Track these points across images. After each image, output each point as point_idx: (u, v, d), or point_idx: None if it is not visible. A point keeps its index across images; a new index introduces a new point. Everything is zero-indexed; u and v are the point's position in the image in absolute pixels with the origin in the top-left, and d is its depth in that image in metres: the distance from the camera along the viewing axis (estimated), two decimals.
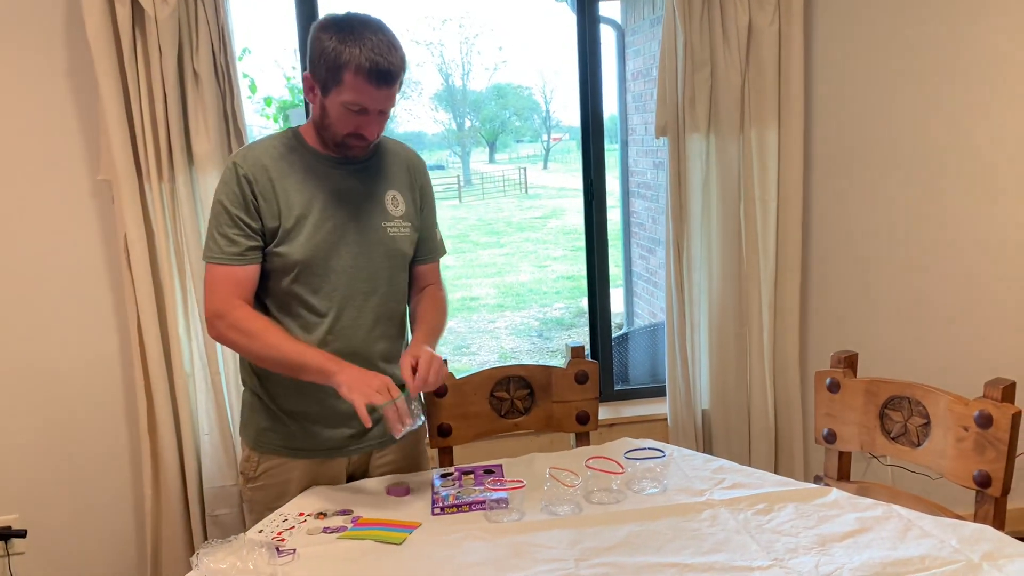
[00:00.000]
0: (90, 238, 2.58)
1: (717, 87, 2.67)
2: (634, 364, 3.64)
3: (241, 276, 1.75)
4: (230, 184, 1.75)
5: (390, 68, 1.66)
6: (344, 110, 1.70)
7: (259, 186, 1.75)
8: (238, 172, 1.75)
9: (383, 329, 1.87)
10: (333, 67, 1.66)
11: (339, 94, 1.68)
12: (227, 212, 1.75)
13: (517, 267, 12.30)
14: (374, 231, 1.83)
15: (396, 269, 1.88)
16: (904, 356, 2.96)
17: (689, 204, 2.74)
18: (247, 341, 1.74)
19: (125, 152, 2.43)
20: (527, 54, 46.14)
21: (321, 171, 1.80)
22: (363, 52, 1.64)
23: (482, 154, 33.24)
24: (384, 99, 1.70)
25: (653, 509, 1.67)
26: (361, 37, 1.65)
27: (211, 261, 1.76)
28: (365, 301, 1.83)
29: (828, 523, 1.58)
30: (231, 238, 1.74)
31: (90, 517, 2.70)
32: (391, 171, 1.88)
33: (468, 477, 1.84)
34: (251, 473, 1.89)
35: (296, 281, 1.78)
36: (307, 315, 1.80)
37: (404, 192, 1.89)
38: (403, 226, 1.87)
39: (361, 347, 1.83)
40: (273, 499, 1.86)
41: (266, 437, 1.87)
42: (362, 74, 1.65)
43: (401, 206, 1.87)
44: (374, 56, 1.64)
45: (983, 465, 1.69)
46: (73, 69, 2.48)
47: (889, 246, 2.92)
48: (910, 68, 2.82)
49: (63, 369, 2.62)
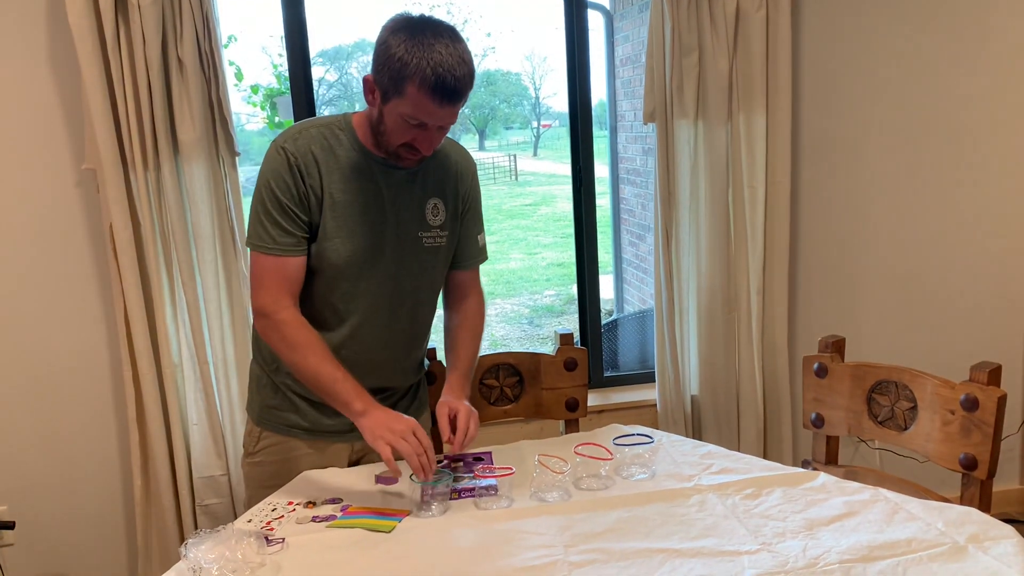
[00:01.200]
0: (75, 227, 2.56)
1: (705, 73, 2.66)
2: (624, 350, 3.64)
3: (291, 269, 1.70)
4: (279, 170, 1.67)
5: (456, 86, 1.55)
6: (402, 121, 1.61)
7: (309, 178, 1.68)
8: (289, 159, 1.67)
9: (405, 339, 1.86)
10: (397, 76, 1.55)
11: (399, 105, 1.59)
12: (276, 199, 1.67)
13: (507, 255, 12.29)
14: (411, 241, 1.78)
15: (429, 282, 1.85)
16: (891, 340, 2.97)
17: (678, 190, 2.74)
18: (287, 350, 1.71)
19: (109, 141, 2.41)
20: (516, 40, 45.95)
21: (367, 171, 1.72)
22: (430, 65, 1.52)
23: (472, 141, 33.15)
24: (446, 116, 1.61)
25: (641, 495, 1.67)
26: (431, 48, 1.53)
27: (259, 250, 1.70)
28: (392, 310, 1.80)
29: (816, 507, 1.59)
30: (282, 226, 1.68)
31: (79, 507, 2.70)
32: (438, 177, 1.81)
33: (457, 464, 1.84)
34: (251, 447, 1.89)
35: (326, 283, 1.75)
36: (331, 318, 1.78)
37: (447, 200, 1.83)
38: (440, 236, 1.82)
39: (381, 354, 1.82)
40: (268, 477, 1.86)
41: (270, 414, 1.86)
42: (426, 89, 1.54)
43: (441, 215, 1.82)
44: (442, 71, 1.53)
45: (969, 448, 1.70)
46: (55, 57, 2.46)
47: (876, 232, 2.93)
48: (897, 54, 2.82)
49: (50, 360, 2.61)
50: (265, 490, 1.83)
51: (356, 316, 1.78)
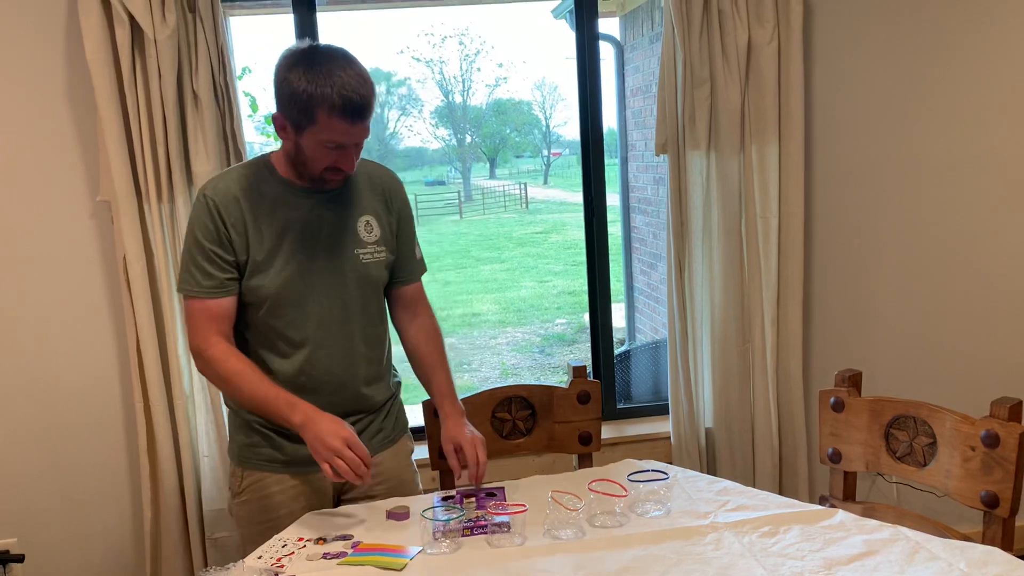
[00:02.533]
0: (89, 259, 2.57)
1: (717, 104, 2.66)
2: (636, 382, 3.61)
3: (216, 310, 1.75)
4: (202, 216, 1.74)
5: (362, 103, 1.64)
6: (320, 147, 1.67)
7: (231, 218, 1.74)
8: (208, 204, 1.74)
9: (363, 353, 1.87)
10: (306, 108, 1.63)
11: (314, 133, 1.65)
12: (200, 246, 1.74)
13: (518, 282, 12.30)
14: (347, 259, 1.82)
15: (370, 295, 1.88)
16: (909, 374, 2.94)
17: (690, 221, 2.74)
18: (221, 383, 1.79)
19: (125, 173, 2.43)
20: (527, 70, 46.35)
21: (292, 201, 1.78)
22: (335, 90, 1.60)
23: (483, 170, 33.32)
24: (360, 133, 1.68)
25: (657, 533, 1.64)
26: (330, 74, 1.61)
27: (187, 295, 1.77)
28: (341, 329, 1.82)
29: (834, 546, 1.56)
30: (206, 271, 1.74)
31: (89, 541, 2.68)
32: (365, 196, 1.86)
33: (469, 500, 1.82)
34: (236, 488, 1.90)
35: (271, 313, 1.78)
36: (284, 346, 1.80)
37: (380, 216, 1.87)
38: (377, 251, 1.86)
39: (341, 373, 1.84)
40: (257, 513, 1.86)
41: (248, 452, 1.87)
42: (336, 113, 1.62)
43: (375, 231, 1.86)
44: (346, 93, 1.61)
45: (990, 485, 1.67)
46: (73, 90, 2.48)
47: (892, 262, 2.91)
48: (909, 83, 2.82)
49: (62, 390, 2.60)
50: (257, 526, 1.84)
51: (309, 340, 1.80)
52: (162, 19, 2.36)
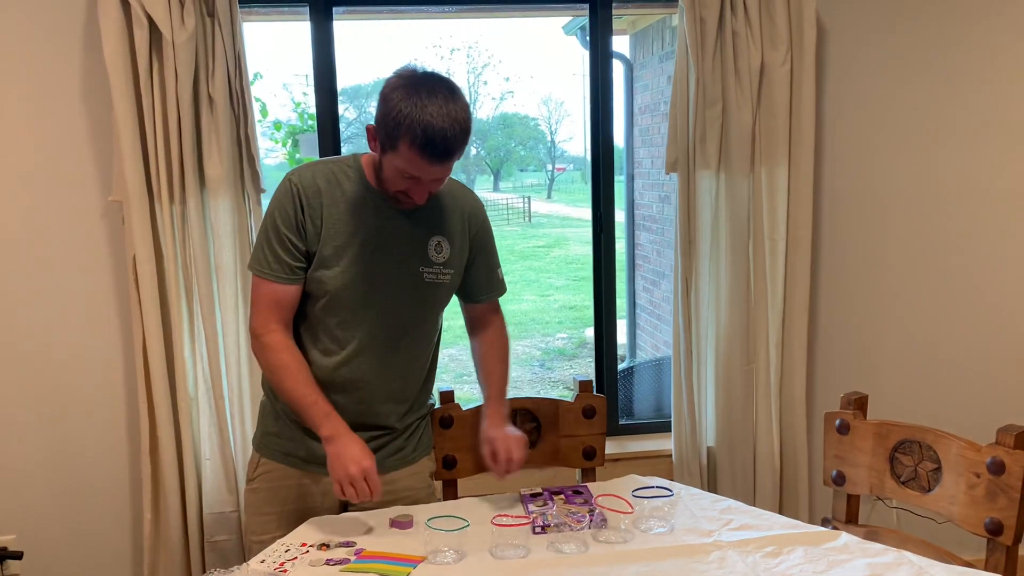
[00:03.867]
0: (99, 258, 2.58)
1: (728, 125, 2.68)
2: (639, 398, 3.61)
3: (281, 295, 1.77)
4: (283, 201, 1.76)
5: (445, 146, 1.60)
6: (397, 173, 1.67)
7: (310, 208, 1.75)
8: (292, 190, 1.75)
9: (401, 369, 1.88)
10: (392, 132, 1.61)
11: (394, 159, 1.65)
12: (277, 229, 1.75)
13: (520, 296, 12.29)
14: (411, 275, 1.82)
15: (426, 315, 1.88)
16: (913, 399, 2.94)
17: (698, 240, 2.74)
18: (268, 371, 1.81)
19: (137, 174, 2.44)
20: (534, 85, 46.52)
21: (371, 206, 1.78)
22: (421, 125, 1.57)
23: (487, 182, 33.39)
24: (437, 172, 1.66)
25: (661, 549, 1.64)
26: (424, 108, 1.58)
27: (256, 274, 1.79)
28: (388, 341, 1.83)
29: (838, 568, 1.56)
30: (278, 255, 1.75)
31: (88, 539, 2.68)
32: (443, 217, 1.85)
33: (559, 497, 1.87)
34: (251, 474, 1.92)
35: (327, 309, 1.79)
36: (330, 343, 1.81)
37: (453, 239, 1.86)
38: (443, 273, 1.85)
39: (375, 383, 1.84)
40: (263, 503, 1.88)
41: (269, 441, 1.90)
42: (416, 148, 1.59)
43: (445, 252, 1.85)
44: (432, 132, 1.57)
45: (995, 513, 1.67)
46: (89, 90, 2.50)
47: (898, 287, 2.91)
48: (922, 109, 2.84)
49: (67, 389, 2.61)
50: (260, 516, 1.86)
51: (354, 344, 1.81)
52: (181, 22, 2.37)
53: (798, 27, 2.64)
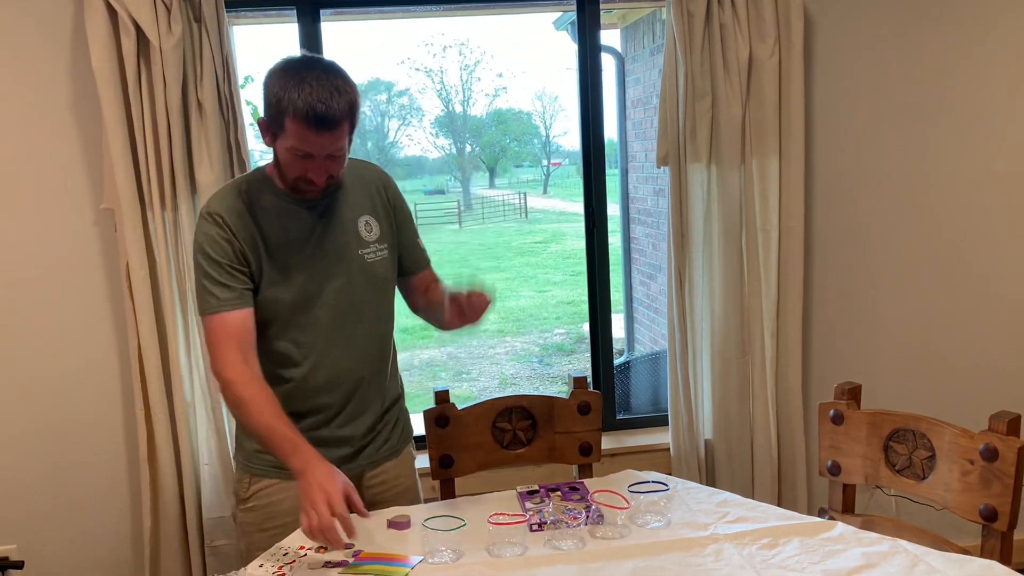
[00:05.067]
0: (92, 266, 2.58)
1: (718, 117, 2.68)
2: (636, 392, 3.62)
3: (233, 324, 1.72)
4: (211, 234, 1.73)
5: (328, 112, 1.61)
6: (291, 155, 1.67)
7: (241, 233, 1.74)
8: (217, 221, 1.73)
9: (373, 352, 1.89)
10: (276, 113, 1.64)
11: (284, 140, 1.66)
12: (212, 260, 1.72)
13: (517, 292, 12.30)
14: (353, 261, 1.83)
15: (380, 294, 1.89)
16: (908, 387, 2.95)
17: (691, 233, 2.75)
18: (233, 408, 1.75)
19: (128, 181, 2.44)
20: (527, 80, 46.44)
21: (293, 212, 1.78)
22: (301, 97, 1.60)
23: (482, 179, 33.37)
24: (328, 144, 1.65)
25: (657, 544, 1.65)
26: (302, 81, 1.61)
27: (203, 314, 1.74)
28: (353, 330, 1.84)
29: (834, 558, 1.57)
30: (222, 283, 1.72)
31: (88, 547, 2.68)
32: (360, 196, 1.88)
33: (555, 494, 1.87)
34: (243, 494, 1.89)
35: (282, 323, 1.79)
36: (294, 352, 1.81)
37: (377, 215, 1.89)
38: (380, 249, 1.87)
39: (352, 373, 1.85)
40: (263, 520, 1.86)
41: (258, 459, 1.87)
42: (300, 119, 1.61)
43: (375, 230, 1.88)
44: (312, 101, 1.59)
45: (989, 499, 1.68)
46: (78, 98, 2.50)
47: (891, 275, 2.92)
48: (910, 98, 2.84)
49: (64, 397, 2.61)
50: (262, 534, 1.84)
51: (319, 343, 1.81)
52: (168, 29, 2.37)
53: (785, 19, 2.64)
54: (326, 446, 1.83)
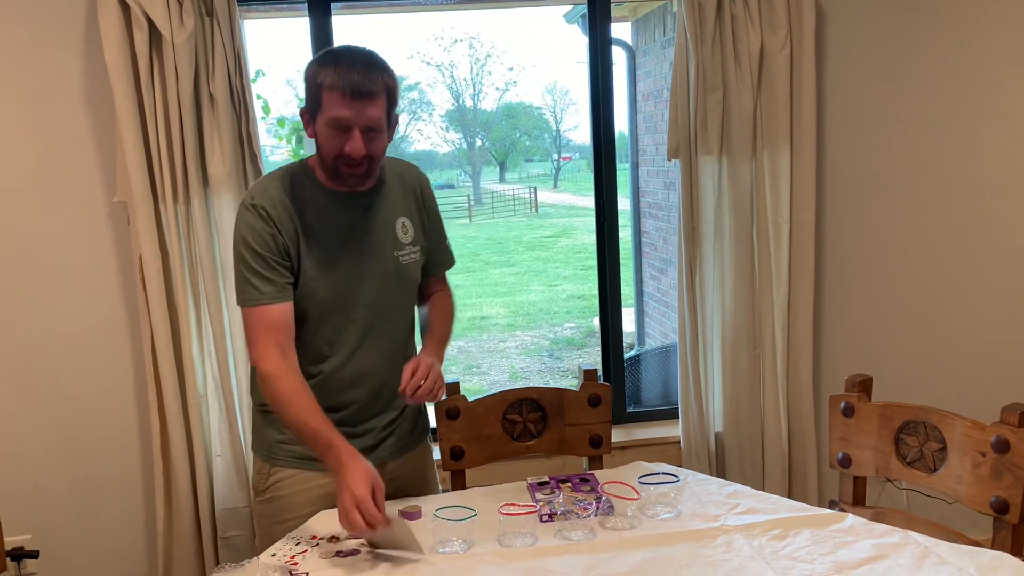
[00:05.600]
0: (105, 258, 2.60)
1: (729, 110, 2.67)
2: (646, 385, 3.62)
3: (275, 317, 1.74)
4: (253, 225, 1.74)
5: (364, 82, 1.67)
6: (328, 131, 1.70)
7: (283, 225, 1.74)
8: (260, 213, 1.74)
9: (400, 350, 1.90)
10: (315, 91, 1.70)
11: (323, 115, 1.70)
12: (256, 253, 1.73)
13: (527, 286, 12.31)
14: (388, 262, 1.85)
15: (408, 296, 1.92)
16: (919, 380, 2.93)
17: (702, 226, 2.75)
18: (271, 402, 1.76)
19: (141, 174, 2.45)
20: (537, 74, 46.40)
21: (335, 208, 1.80)
22: (336, 69, 1.67)
23: (492, 173, 33.36)
24: (363, 112, 1.67)
25: (667, 535, 1.66)
26: (338, 57, 1.69)
27: (244, 305, 1.76)
28: (383, 329, 1.86)
29: (844, 549, 1.57)
30: (265, 276, 1.73)
31: (102, 538, 2.70)
32: (399, 198, 1.89)
33: (565, 485, 1.89)
34: (261, 485, 1.90)
35: (318, 319, 1.80)
36: (326, 348, 1.82)
37: (412, 217, 1.91)
38: (413, 252, 1.89)
39: (383, 370, 1.86)
40: (280, 511, 1.87)
41: (280, 449, 1.87)
42: (336, 90, 1.66)
43: (410, 232, 1.89)
44: (348, 72, 1.66)
45: (1000, 491, 1.68)
46: (91, 92, 2.51)
47: (903, 269, 2.91)
48: (923, 90, 2.83)
49: (77, 390, 2.63)
50: (278, 525, 1.84)
51: (351, 341, 1.83)
52: (180, 22, 2.38)
53: (797, 10, 2.63)
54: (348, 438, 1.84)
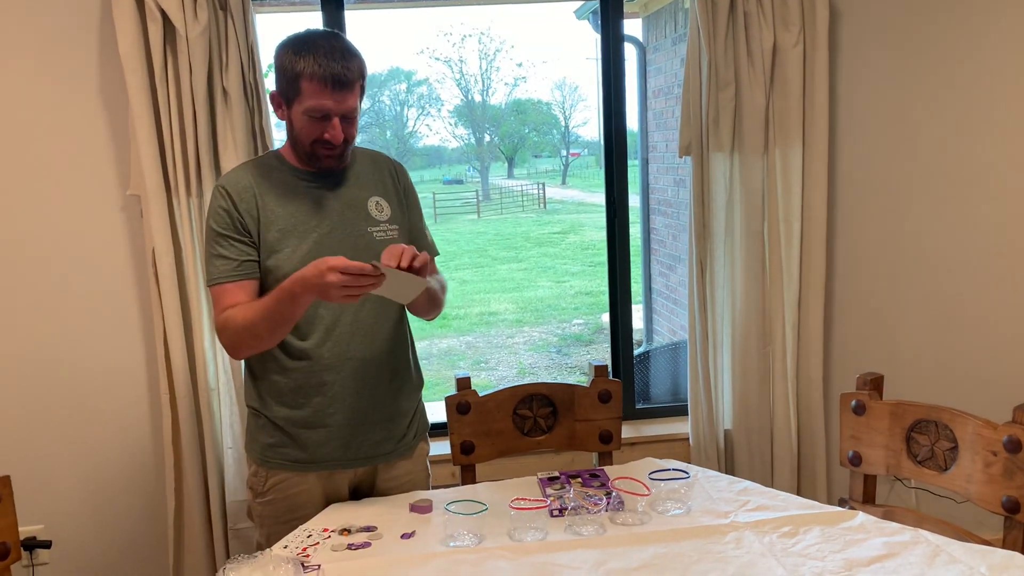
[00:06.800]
0: (118, 252, 2.61)
1: (741, 106, 2.67)
2: (655, 382, 3.63)
3: (233, 294, 1.77)
4: (215, 207, 1.80)
5: (344, 72, 1.71)
6: (307, 119, 1.75)
7: (243, 203, 1.79)
8: (221, 192, 1.80)
9: (381, 332, 1.89)
10: (292, 79, 1.72)
11: (300, 104, 1.74)
12: (217, 233, 1.79)
13: (535, 282, 12.31)
14: (360, 237, 1.85)
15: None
16: (930, 379, 2.93)
17: (712, 223, 2.74)
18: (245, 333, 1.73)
19: (154, 168, 2.46)
20: (546, 70, 46.33)
21: (301, 186, 1.84)
22: (316, 60, 1.70)
23: (501, 169, 33.35)
24: (342, 102, 1.73)
25: (677, 531, 1.66)
26: (315, 46, 1.72)
27: (210, 285, 1.80)
28: (360, 307, 1.84)
29: (855, 547, 1.57)
30: (225, 256, 1.78)
31: (113, 529, 2.72)
32: (372, 178, 1.92)
33: (576, 480, 1.90)
34: (260, 488, 1.91)
35: None
36: (303, 325, 1.81)
37: (389, 196, 1.93)
38: (390, 229, 1.90)
39: (359, 352, 1.85)
40: (283, 512, 1.88)
41: (273, 452, 1.88)
42: (317, 80, 1.70)
43: (386, 210, 1.90)
44: (327, 62, 1.70)
45: (1012, 491, 1.68)
46: (105, 86, 2.52)
47: (915, 267, 2.90)
48: (936, 88, 2.82)
49: (90, 382, 2.65)
50: (283, 525, 1.85)
51: (328, 316, 1.82)
52: (194, 16, 2.39)
53: (810, 7, 2.62)
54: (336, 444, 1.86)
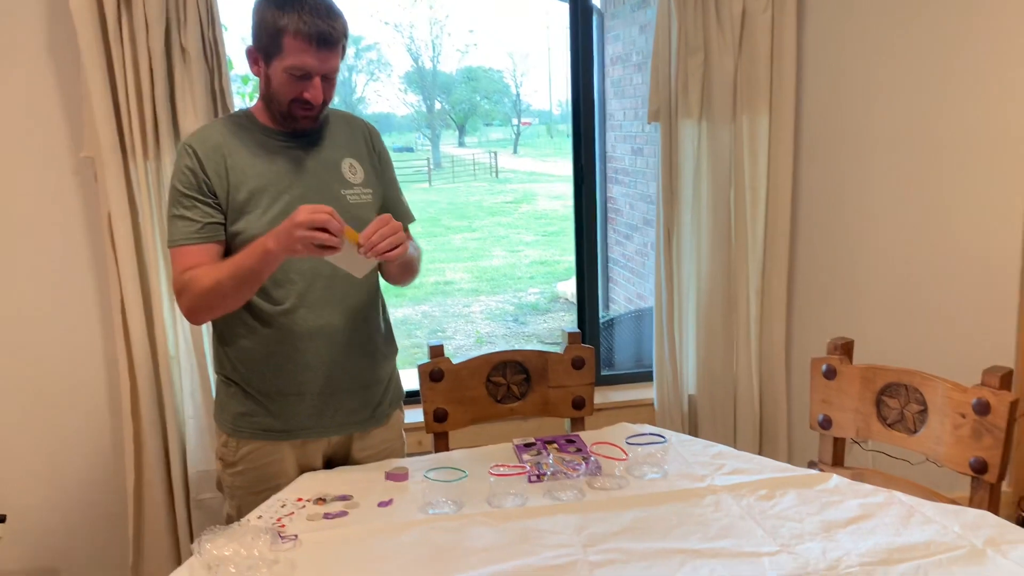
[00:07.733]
0: (72, 216, 2.51)
1: (710, 73, 2.66)
2: (619, 349, 3.64)
3: (198, 255, 1.71)
4: (181, 167, 1.74)
5: (330, 31, 1.66)
6: (287, 77, 1.69)
7: (210, 163, 1.73)
8: (188, 151, 1.74)
9: (355, 299, 1.85)
10: (274, 34, 1.66)
11: (281, 61, 1.67)
12: (180, 193, 1.73)
13: (490, 252, 12.28)
14: (333, 200, 1.78)
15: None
16: (892, 345, 2.98)
17: (680, 190, 2.74)
18: (209, 295, 1.68)
19: (109, 128, 2.36)
20: (498, 37, 45.92)
21: (273, 146, 1.78)
22: (301, 16, 1.64)
23: (451, 137, 33.06)
24: (325, 62, 1.69)
25: (656, 495, 1.67)
26: (299, 2, 1.65)
27: (172, 246, 1.74)
28: (334, 272, 1.77)
29: (831, 509, 1.60)
30: (187, 217, 1.72)
31: (71, 501, 2.65)
32: (345, 140, 1.87)
33: (552, 446, 1.90)
34: (230, 458, 1.86)
35: None
36: (273, 289, 1.76)
37: (362, 159, 1.88)
38: (364, 193, 1.85)
39: (332, 320, 1.81)
40: (254, 483, 1.84)
41: (244, 421, 1.84)
42: (302, 37, 1.65)
43: (360, 173, 1.86)
44: (313, 19, 1.64)
45: (980, 452, 1.72)
46: (55, 42, 2.41)
47: (878, 234, 2.94)
48: (902, 57, 2.84)
49: (44, 351, 2.56)
50: (254, 496, 1.81)
51: (298, 282, 1.78)
52: None
53: None
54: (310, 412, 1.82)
